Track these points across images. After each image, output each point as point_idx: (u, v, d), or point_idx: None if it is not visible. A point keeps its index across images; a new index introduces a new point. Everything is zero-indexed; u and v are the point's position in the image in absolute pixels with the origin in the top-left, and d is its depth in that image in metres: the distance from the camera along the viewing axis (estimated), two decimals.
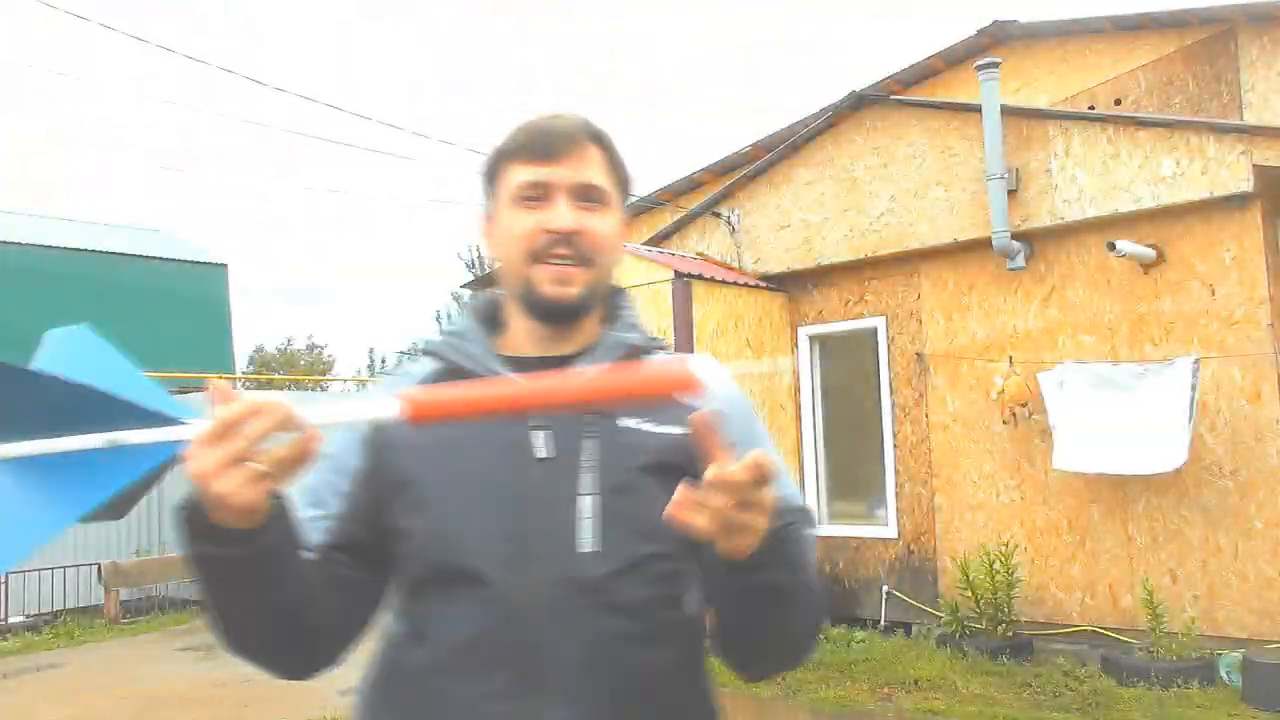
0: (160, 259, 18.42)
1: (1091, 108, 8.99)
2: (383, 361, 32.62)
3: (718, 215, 8.41)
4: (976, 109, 6.85)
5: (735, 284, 7.71)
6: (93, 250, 17.48)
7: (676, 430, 1.15)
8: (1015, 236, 6.72)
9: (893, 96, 8.06)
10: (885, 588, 7.49)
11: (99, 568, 9.85)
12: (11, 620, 9.52)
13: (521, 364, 1.23)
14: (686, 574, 1.18)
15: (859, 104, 7.63)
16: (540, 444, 1.17)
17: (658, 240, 8.83)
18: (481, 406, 0.99)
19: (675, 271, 7.33)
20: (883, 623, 7.44)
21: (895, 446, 7.54)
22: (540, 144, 1.22)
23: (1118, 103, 9.16)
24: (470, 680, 1.13)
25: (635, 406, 1.14)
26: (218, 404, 0.92)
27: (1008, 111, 6.82)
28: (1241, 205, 6.01)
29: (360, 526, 1.20)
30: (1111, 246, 6.13)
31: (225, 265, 20.17)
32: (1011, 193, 6.68)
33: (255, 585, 1.03)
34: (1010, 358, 6.83)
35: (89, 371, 1.04)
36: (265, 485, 0.93)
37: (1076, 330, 6.66)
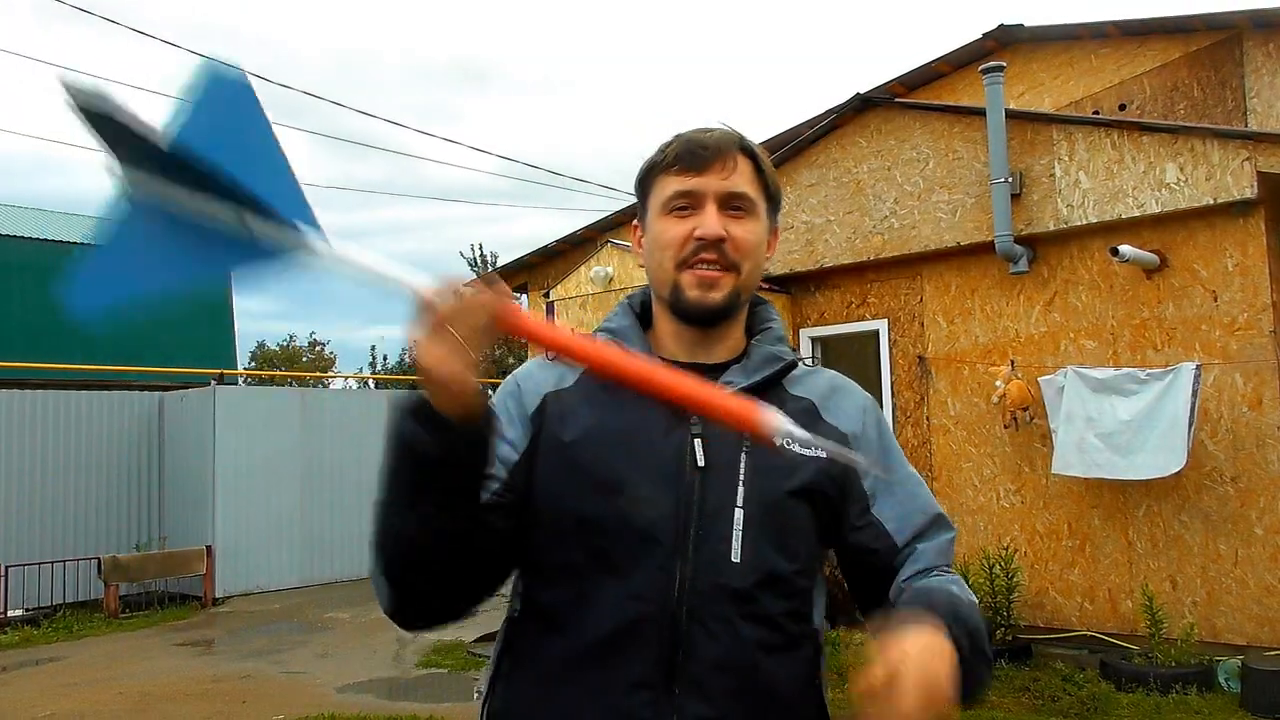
0: None
1: (1096, 112, 8.98)
2: (384, 359, 32.59)
3: None
4: (981, 112, 6.85)
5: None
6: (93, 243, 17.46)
7: (823, 455, 1.24)
8: (1018, 241, 6.71)
9: (897, 99, 8.06)
10: None
11: (99, 562, 9.86)
12: (11, 614, 9.53)
13: (673, 367, 1.25)
14: (816, 590, 1.29)
15: (863, 107, 7.62)
16: (700, 452, 1.23)
17: None
18: (611, 367, 1.08)
19: None
20: None
21: None
22: (691, 155, 1.28)
23: (1122, 108, 9.15)
24: (611, 669, 1.18)
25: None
26: (436, 296, 1.03)
27: (1012, 115, 6.82)
28: (1245, 212, 6.00)
29: (520, 492, 1.25)
30: (1115, 252, 6.13)
31: None
32: (1015, 197, 6.68)
33: (454, 483, 1.09)
34: (1012, 361, 6.82)
35: (236, 133, 1.06)
36: (478, 370, 1.04)
37: (1079, 335, 6.66)
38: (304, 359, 34.22)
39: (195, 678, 7.12)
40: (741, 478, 1.22)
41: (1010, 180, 6.65)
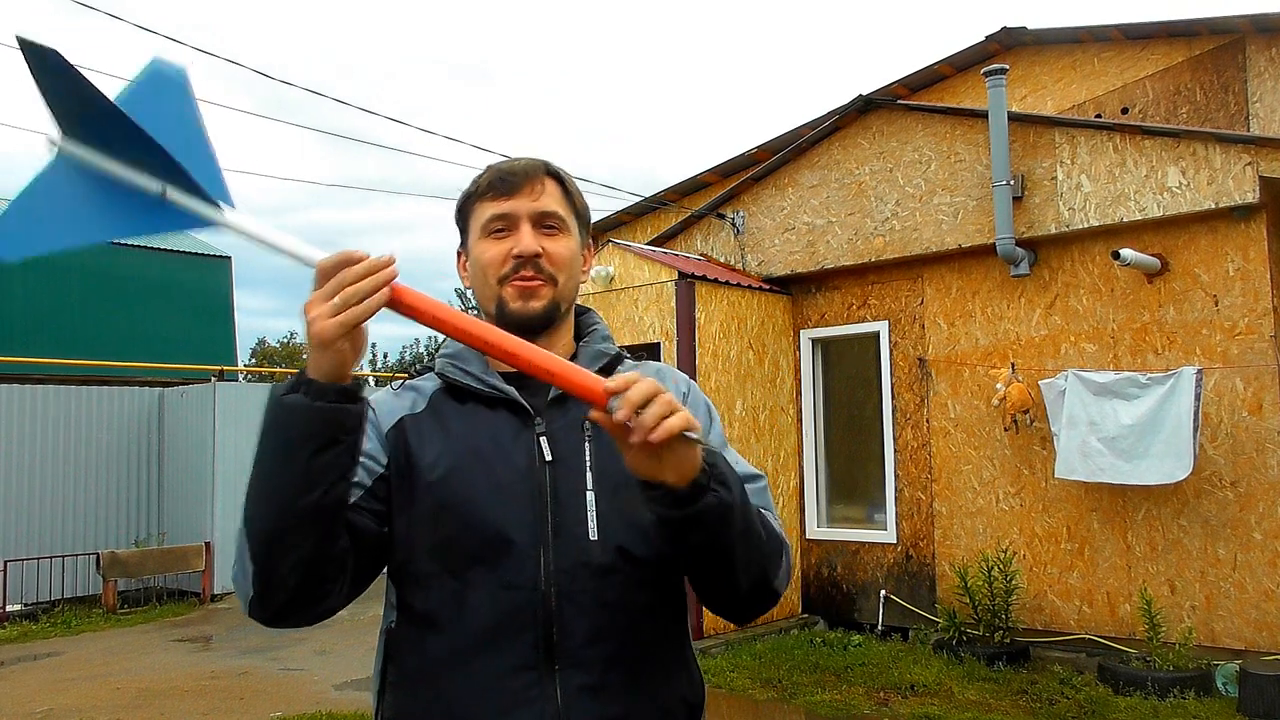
0: (164, 251, 18.43)
1: (1098, 116, 8.98)
2: (384, 357, 32.65)
3: (722, 217, 8.40)
4: (983, 115, 6.85)
5: (738, 286, 7.71)
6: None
7: None
8: (1020, 243, 6.71)
9: (899, 101, 8.06)
10: (883, 592, 7.49)
11: (97, 557, 9.86)
12: (9, 609, 9.53)
13: (514, 379, 1.37)
14: (670, 555, 1.31)
15: (866, 108, 7.62)
16: (547, 448, 1.34)
17: (662, 240, 8.83)
18: (458, 328, 1.16)
19: (679, 272, 7.33)
20: (880, 627, 7.44)
21: (896, 451, 7.54)
22: (502, 181, 1.40)
23: (1125, 111, 9.15)
24: (493, 657, 1.26)
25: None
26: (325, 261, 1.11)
27: (1014, 118, 6.81)
28: (1246, 216, 6.00)
29: (384, 504, 1.33)
30: (1116, 255, 6.13)
31: (229, 258, 20.17)
32: (1017, 199, 6.68)
33: (324, 454, 1.14)
34: (1013, 364, 6.82)
35: (168, 117, 1.17)
36: (359, 338, 1.14)
37: (1079, 338, 6.65)
38: (305, 356, 34.20)
39: (193, 674, 7.12)
40: (588, 463, 1.33)
41: (1012, 183, 6.65)
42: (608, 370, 1.41)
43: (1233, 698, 5.50)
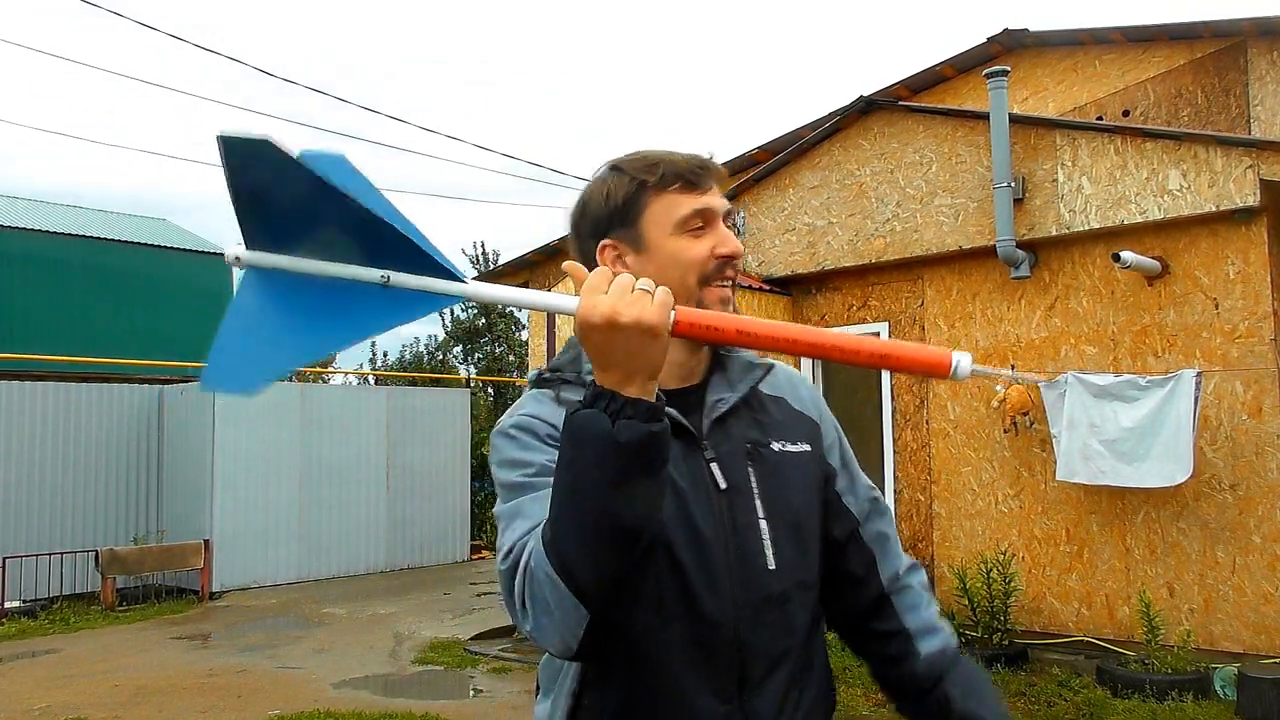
0: (165, 248, 18.42)
1: (1099, 118, 8.98)
2: (384, 356, 32.57)
3: None
4: (984, 117, 6.84)
5: (739, 286, 7.70)
6: (99, 238, 17.49)
7: (808, 447, 1.38)
8: (1020, 245, 6.71)
9: (901, 103, 8.06)
10: None
11: (96, 555, 9.86)
12: (8, 605, 9.53)
13: (668, 399, 1.23)
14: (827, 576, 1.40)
15: (867, 109, 7.62)
16: (719, 475, 1.29)
17: None
18: (748, 336, 1.07)
19: None
20: None
21: (895, 453, 7.53)
22: (697, 175, 1.30)
23: (1126, 114, 9.15)
24: (690, 693, 1.23)
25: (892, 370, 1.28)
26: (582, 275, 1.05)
27: (1015, 120, 6.81)
28: (1247, 219, 6.00)
29: None
30: (1116, 258, 6.13)
31: None
32: (1017, 201, 6.67)
33: (650, 475, 1.05)
34: (1013, 366, 6.82)
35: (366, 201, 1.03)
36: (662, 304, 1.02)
37: (1079, 340, 6.65)
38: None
39: (191, 671, 7.12)
40: (755, 490, 1.30)
41: (1013, 185, 6.64)
42: (758, 384, 1.39)
43: (1231, 701, 5.50)
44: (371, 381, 25.03)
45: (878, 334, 7.67)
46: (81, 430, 10.93)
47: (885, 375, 7.63)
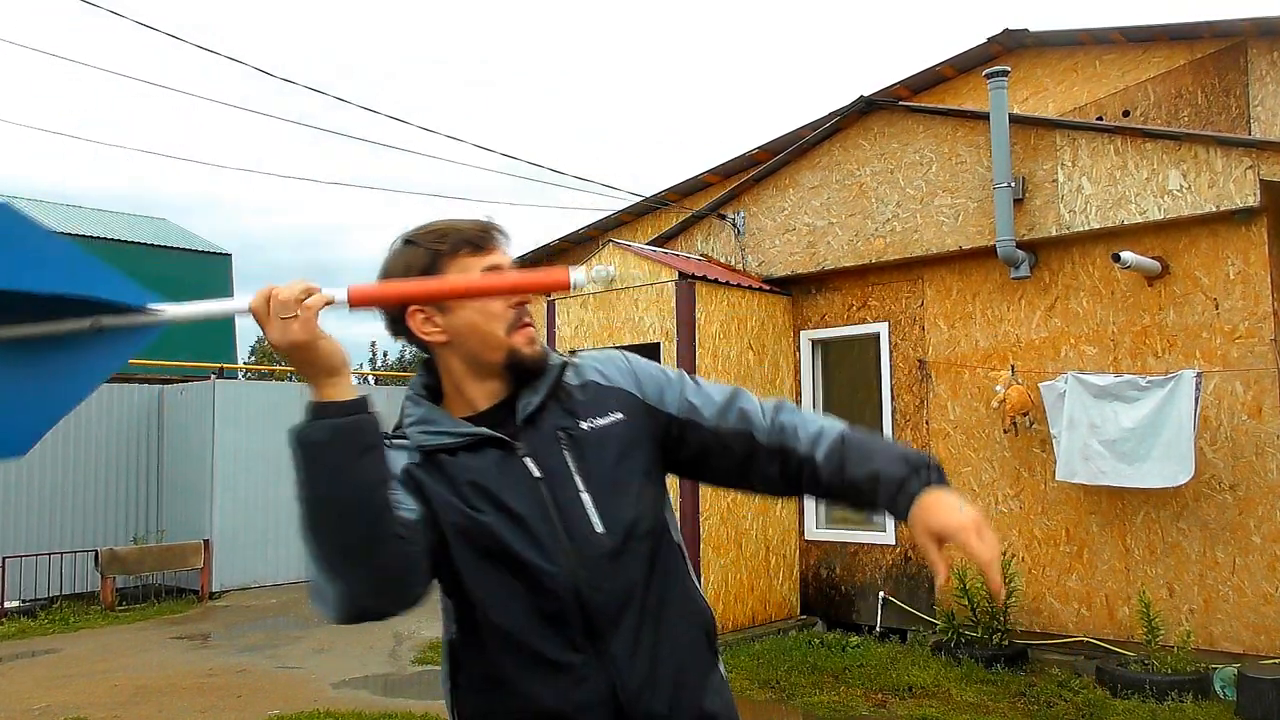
0: (164, 247, 18.42)
1: (1100, 118, 8.98)
2: (384, 355, 32.63)
3: (723, 217, 8.40)
4: (984, 117, 6.85)
5: (739, 286, 7.71)
6: (97, 237, 17.49)
7: (620, 415, 1.54)
8: (1020, 245, 6.71)
9: (901, 103, 8.05)
10: (882, 594, 7.49)
11: (96, 554, 9.86)
12: (8, 605, 9.53)
13: (483, 418, 1.51)
14: (666, 513, 1.57)
15: (867, 109, 7.62)
16: (534, 467, 1.48)
17: (663, 240, 8.83)
18: (408, 294, 1.37)
19: (679, 272, 7.33)
20: (878, 628, 7.44)
21: None
22: (482, 238, 1.52)
23: (1126, 114, 9.15)
24: (549, 652, 1.43)
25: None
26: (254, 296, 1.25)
27: (1015, 120, 6.81)
28: (1247, 220, 6.00)
29: (431, 542, 1.44)
30: (1116, 258, 6.13)
31: (229, 255, 20.15)
32: (1017, 202, 6.67)
33: (347, 456, 1.26)
34: (1012, 366, 6.82)
35: (38, 252, 1.06)
36: (315, 320, 1.25)
37: (1079, 341, 6.65)
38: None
39: (191, 671, 7.12)
40: (573, 468, 1.48)
41: (1013, 185, 6.64)
42: (559, 379, 1.55)
43: (1231, 701, 5.50)
44: (371, 381, 25.02)
45: (877, 335, 7.67)
46: (81, 430, 10.93)
47: (886, 375, 7.63)
